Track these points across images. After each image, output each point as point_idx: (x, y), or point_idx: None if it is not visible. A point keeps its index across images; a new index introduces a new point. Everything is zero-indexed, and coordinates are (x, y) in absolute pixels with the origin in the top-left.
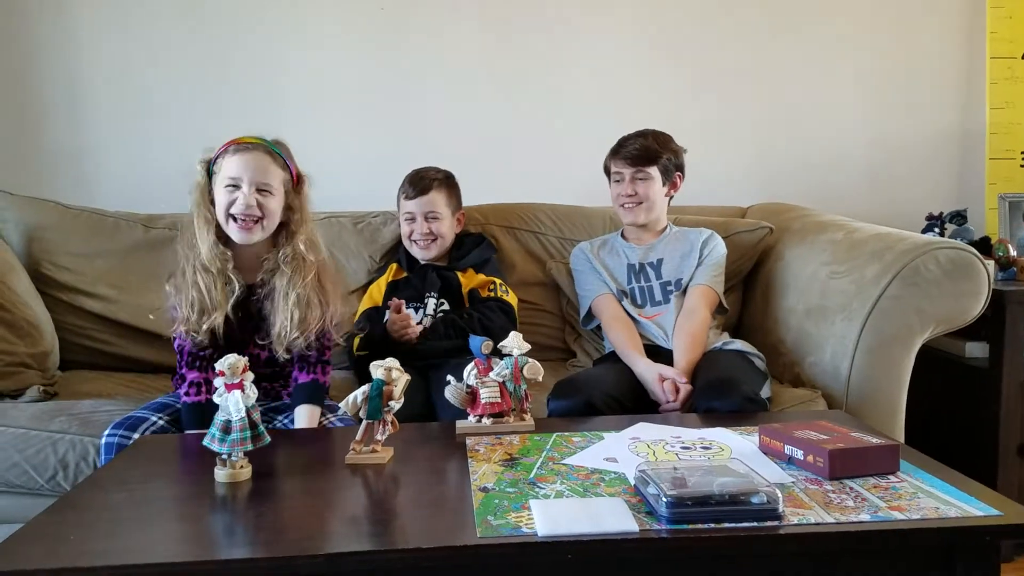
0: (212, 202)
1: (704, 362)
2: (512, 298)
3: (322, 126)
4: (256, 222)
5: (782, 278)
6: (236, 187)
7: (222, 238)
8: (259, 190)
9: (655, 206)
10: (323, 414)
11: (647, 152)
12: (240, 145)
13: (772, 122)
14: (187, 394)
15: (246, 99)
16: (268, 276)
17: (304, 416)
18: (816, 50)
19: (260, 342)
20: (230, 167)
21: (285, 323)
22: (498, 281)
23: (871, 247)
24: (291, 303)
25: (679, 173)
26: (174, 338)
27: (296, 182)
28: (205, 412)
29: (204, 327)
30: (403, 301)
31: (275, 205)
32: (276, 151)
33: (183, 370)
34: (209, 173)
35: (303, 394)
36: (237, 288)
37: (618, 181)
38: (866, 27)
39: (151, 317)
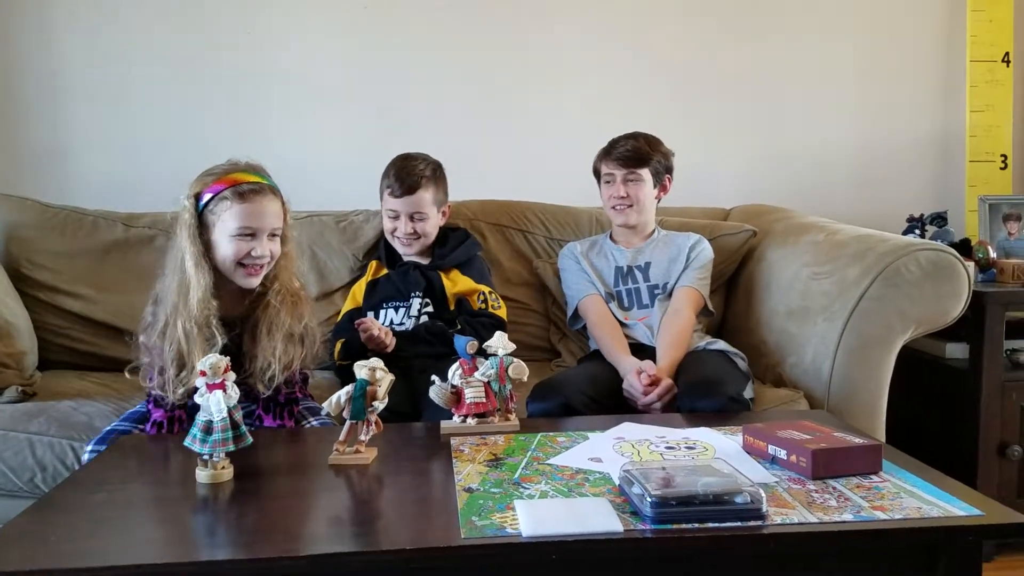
0: (204, 243)
1: (687, 363)
2: (502, 310)
3: (305, 124)
4: (263, 266)
5: (764, 279)
6: (251, 236)
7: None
8: (270, 235)
9: (645, 208)
10: (303, 416)
11: (638, 154)
12: (241, 187)
13: (754, 124)
14: (147, 431)
15: (227, 98)
16: (251, 310)
17: None
18: (797, 53)
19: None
20: (243, 216)
21: (269, 358)
22: (487, 290)
23: (852, 248)
24: (277, 338)
25: (668, 176)
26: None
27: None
28: None
29: (180, 390)
30: (370, 320)
31: (279, 245)
32: (275, 186)
33: (150, 405)
34: (196, 208)
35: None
36: (219, 343)
37: (608, 182)
38: (847, 30)
39: (127, 375)
